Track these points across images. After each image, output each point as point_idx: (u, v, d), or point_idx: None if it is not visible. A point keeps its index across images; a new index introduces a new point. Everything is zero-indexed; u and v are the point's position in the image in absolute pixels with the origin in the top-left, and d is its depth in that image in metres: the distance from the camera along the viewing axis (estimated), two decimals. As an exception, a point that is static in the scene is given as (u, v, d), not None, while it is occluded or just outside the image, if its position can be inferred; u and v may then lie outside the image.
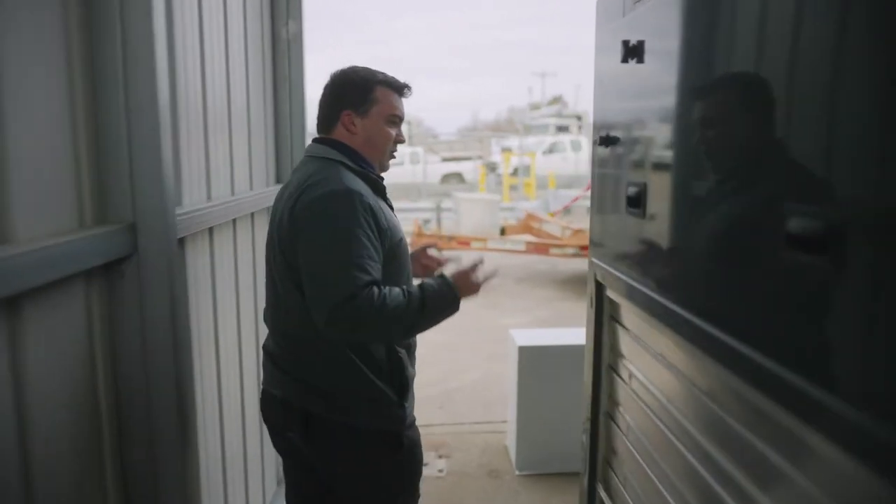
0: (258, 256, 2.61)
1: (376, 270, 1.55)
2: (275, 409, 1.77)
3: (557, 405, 3.19)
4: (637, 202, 1.47)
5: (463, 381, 4.92)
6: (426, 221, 11.65)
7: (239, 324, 2.34)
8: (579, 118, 26.03)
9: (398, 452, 1.72)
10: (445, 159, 23.52)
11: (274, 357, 1.76)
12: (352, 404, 1.68)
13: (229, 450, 2.21)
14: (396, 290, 1.57)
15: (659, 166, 1.45)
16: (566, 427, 3.16)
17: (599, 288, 1.79)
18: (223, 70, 2.19)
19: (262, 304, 1.94)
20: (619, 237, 1.69)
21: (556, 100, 25.54)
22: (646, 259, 1.50)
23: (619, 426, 1.77)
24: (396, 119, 1.76)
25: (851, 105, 0.84)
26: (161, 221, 1.52)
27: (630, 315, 1.63)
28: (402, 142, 1.79)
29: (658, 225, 1.44)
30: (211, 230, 2.05)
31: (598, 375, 1.86)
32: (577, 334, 3.55)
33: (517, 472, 3.32)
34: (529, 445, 3.30)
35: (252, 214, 2.53)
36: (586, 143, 21.97)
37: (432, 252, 2.03)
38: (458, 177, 21.58)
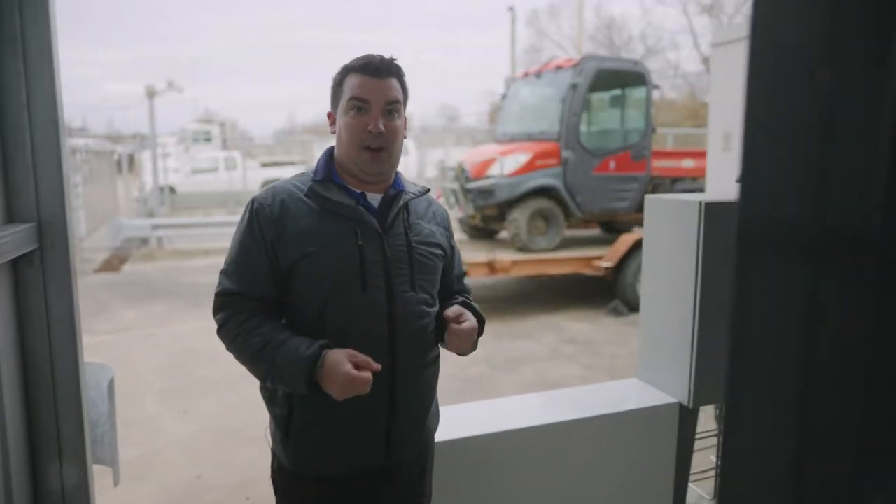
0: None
1: (250, 284, 1.50)
2: None
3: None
4: None
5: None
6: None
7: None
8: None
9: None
10: (265, 164, 21.60)
11: None
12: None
13: None
14: (266, 326, 1.47)
15: None
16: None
17: None
18: None
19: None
20: None
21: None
22: None
23: None
24: (358, 102, 1.51)
25: None
26: None
27: None
28: (374, 131, 1.50)
29: None
30: None
31: None
32: (505, 411, 2.45)
33: None
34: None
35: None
36: (412, 145, 21.33)
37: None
38: (281, 183, 19.85)
